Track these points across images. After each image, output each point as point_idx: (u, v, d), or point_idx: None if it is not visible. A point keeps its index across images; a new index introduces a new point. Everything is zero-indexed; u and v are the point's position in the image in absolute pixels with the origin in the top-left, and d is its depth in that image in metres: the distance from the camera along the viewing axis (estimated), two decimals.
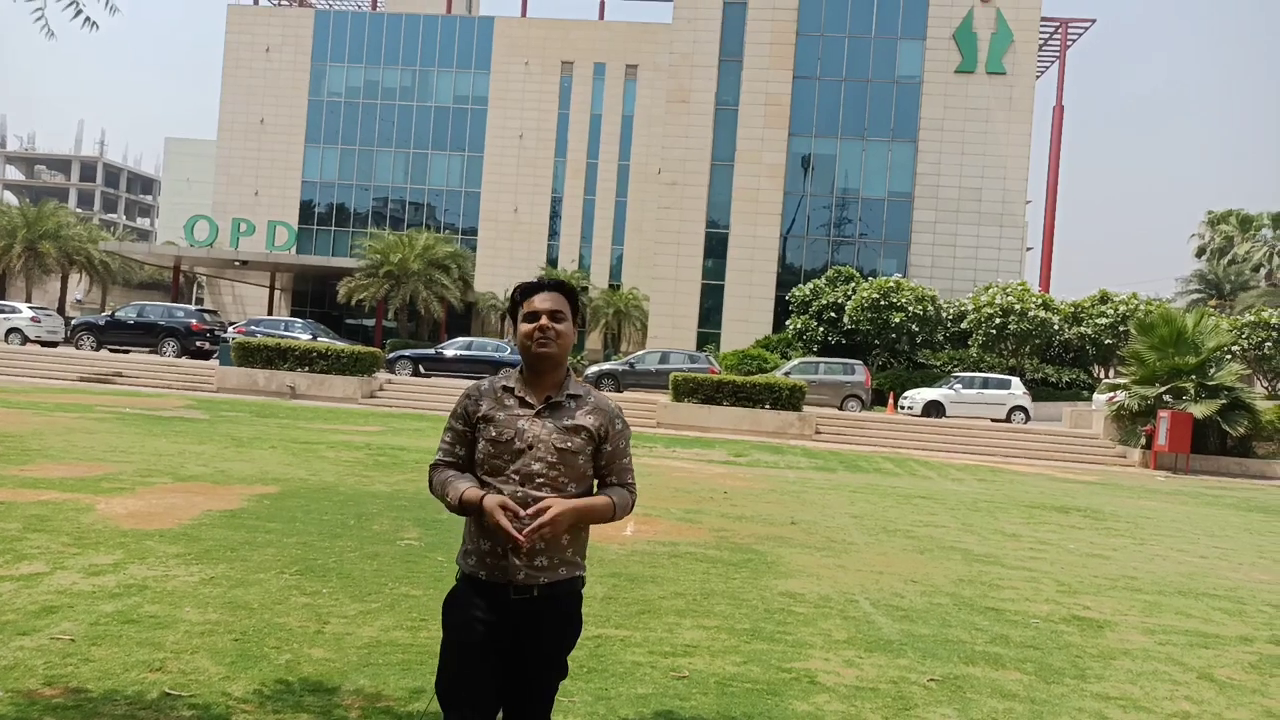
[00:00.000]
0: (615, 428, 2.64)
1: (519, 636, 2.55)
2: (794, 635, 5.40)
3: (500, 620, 2.53)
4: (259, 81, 49.33)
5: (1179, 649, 5.77)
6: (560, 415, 2.59)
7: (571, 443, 2.56)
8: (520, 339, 2.63)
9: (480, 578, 2.55)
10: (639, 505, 9.92)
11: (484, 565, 2.54)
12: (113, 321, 29.45)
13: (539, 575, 2.52)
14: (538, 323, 2.59)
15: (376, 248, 39.95)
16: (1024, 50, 38.17)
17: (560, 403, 2.60)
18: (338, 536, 7.15)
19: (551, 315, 2.60)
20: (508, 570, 2.51)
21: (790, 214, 39.15)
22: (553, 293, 2.65)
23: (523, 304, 2.65)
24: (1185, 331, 23.01)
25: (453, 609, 2.60)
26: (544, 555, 2.53)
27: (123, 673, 4.05)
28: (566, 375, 2.66)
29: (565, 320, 2.62)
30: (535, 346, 2.59)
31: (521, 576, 2.51)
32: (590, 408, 2.63)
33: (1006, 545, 9.28)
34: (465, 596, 2.58)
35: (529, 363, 2.63)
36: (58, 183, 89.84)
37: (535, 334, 2.59)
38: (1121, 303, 32.99)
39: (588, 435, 2.59)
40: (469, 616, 2.55)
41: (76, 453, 10.71)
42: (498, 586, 2.53)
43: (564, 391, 2.62)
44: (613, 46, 48.11)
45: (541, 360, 2.60)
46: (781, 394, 23.01)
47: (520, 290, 2.69)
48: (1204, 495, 16.77)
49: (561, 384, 2.63)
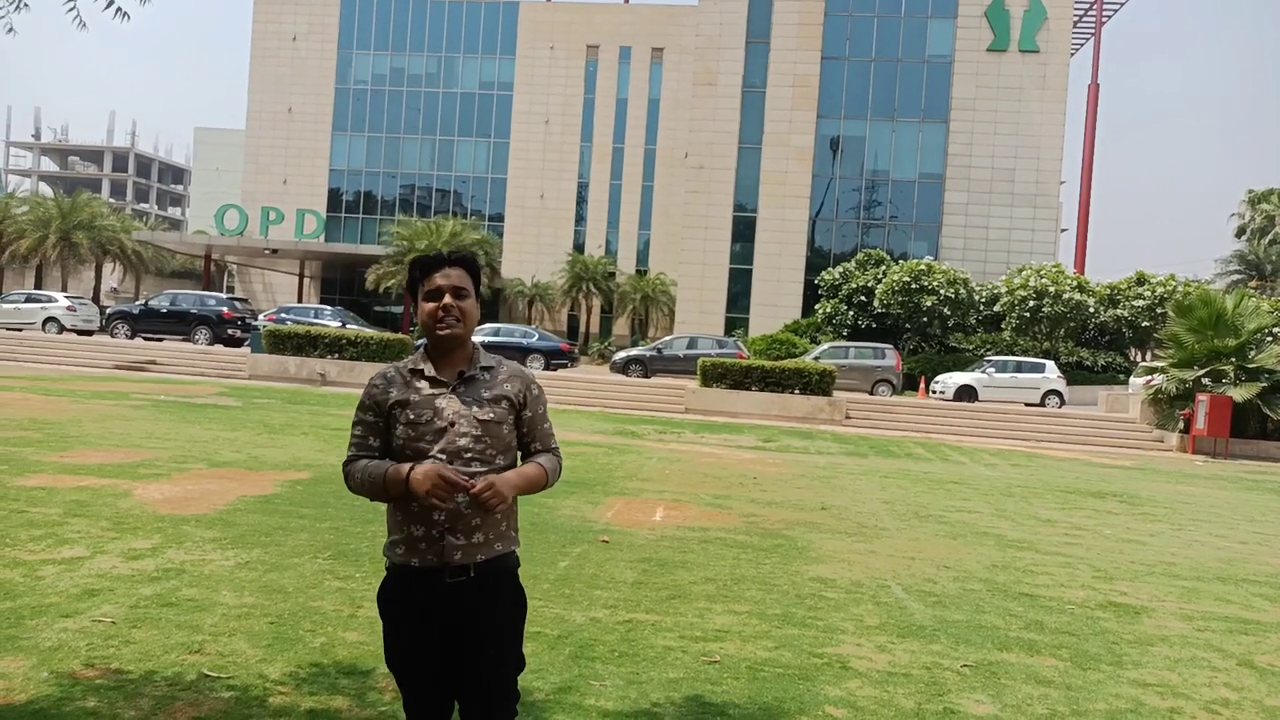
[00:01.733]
0: (532, 393, 2.57)
1: (460, 620, 2.44)
2: (825, 621, 5.37)
3: (437, 608, 2.44)
4: (286, 70, 49.67)
5: (1218, 635, 5.67)
6: (477, 388, 2.49)
7: (493, 413, 2.48)
8: (423, 319, 2.50)
9: (412, 565, 2.44)
10: (668, 490, 9.97)
11: (415, 552, 2.43)
12: (146, 310, 29.87)
13: (476, 553, 2.43)
14: (440, 301, 2.47)
15: (404, 235, 40.17)
16: (1058, 27, 37.48)
17: (474, 376, 2.51)
18: (369, 522, 7.21)
19: (454, 293, 2.49)
20: (443, 552, 2.41)
21: (819, 197, 38.83)
22: (455, 268, 2.51)
23: (423, 281, 2.51)
24: (1225, 313, 22.56)
25: (387, 605, 2.51)
26: (479, 531, 2.44)
27: (162, 654, 4.11)
28: (474, 350, 2.55)
29: (469, 297, 2.51)
30: (439, 328, 2.47)
31: (459, 557, 2.42)
32: (505, 376, 2.55)
33: (1041, 531, 9.17)
34: (397, 589, 2.48)
35: (434, 343, 2.52)
36: (91, 173, 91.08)
37: (439, 314, 2.47)
38: (1159, 284, 32.40)
39: (508, 404, 2.51)
40: (403, 610, 2.47)
41: (114, 439, 10.89)
42: (431, 572, 2.42)
43: (476, 365, 2.53)
44: (638, 29, 47.85)
45: (447, 340, 2.49)
46: (811, 379, 22.88)
47: (419, 266, 2.54)
48: (1243, 480, 16.48)
49: (471, 358, 2.53)
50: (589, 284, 44.01)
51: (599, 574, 6.08)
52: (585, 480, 10.22)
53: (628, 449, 14.02)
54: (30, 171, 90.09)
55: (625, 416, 20.39)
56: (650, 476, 11.10)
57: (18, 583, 5.01)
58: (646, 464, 12.32)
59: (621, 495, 9.49)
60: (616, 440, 15.18)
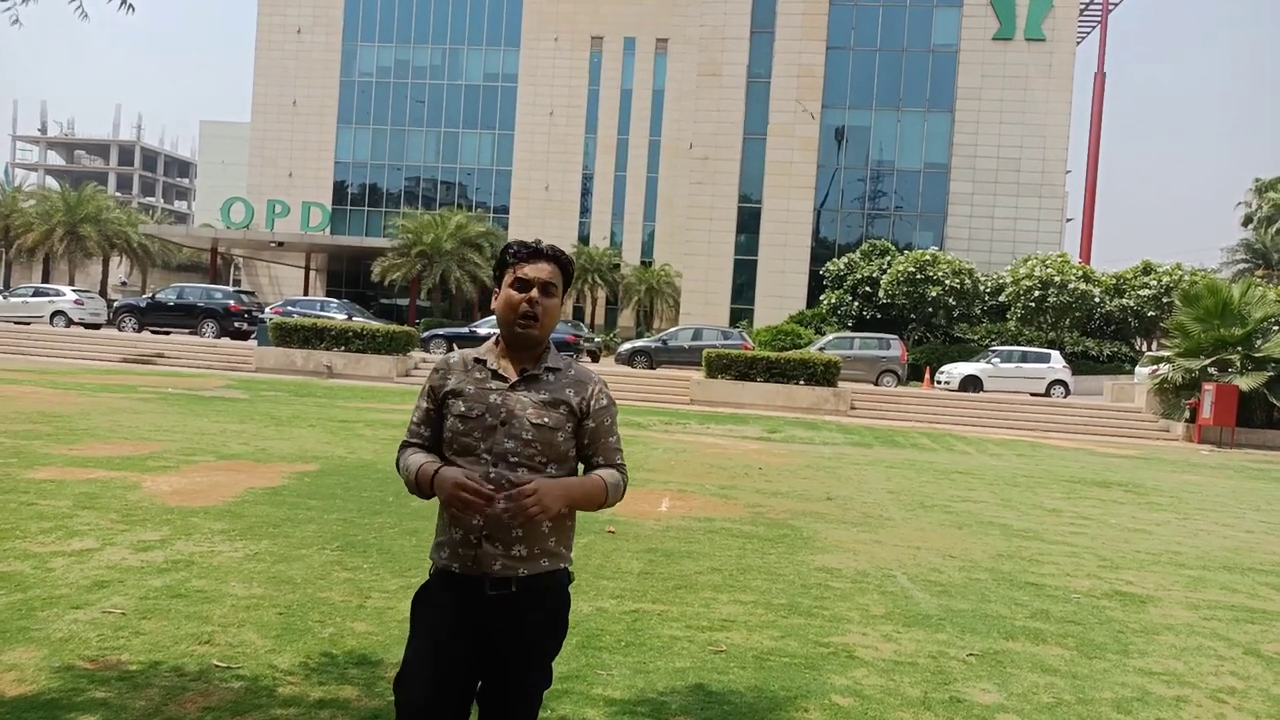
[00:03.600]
0: (600, 403, 2.39)
1: (496, 636, 2.29)
2: (831, 610, 5.39)
3: (474, 618, 2.28)
4: (291, 63, 49.63)
5: (1224, 624, 5.68)
6: (538, 388, 2.33)
7: (550, 417, 2.31)
8: (502, 308, 2.34)
9: (454, 571, 2.29)
10: (674, 481, 9.98)
11: (456, 557, 2.29)
12: (153, 303, 29.96)
13: (518, 566, 2.27)
14: (527, 294, 2.32)
15: (409, 227, 40.17)
16: (1064, 15, 37.27)
17: (538, 375, 2.34)
18: (377, 513, 7.25)
19: (544, 288, 2.33)
20: (482, 561, 2.26)
21: (824, 187, 38.74)
22: (550, 263, 2.36)
23: (513, 267, 2.34)
24: (1231, 302, 22.49)
25: (422, 606, 2.36)
26: (522, 544, 2.27)
27: (172, 645, 4.14)
28: (546, 348, 2.39)
29: (556, 296, 2.36)
30: (518, 323, 2.32)
31: (498, 567, 2.26)
32: (571, 380, 2.37)
33: (1046, 520, 9.18)
34: (436, 593, 2.34)
35: (507, 338, 2.37)
36: (97, 167, 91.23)
37: (522, 307, 2.31)
38: (1165, 274, 32.26)
39: (568, 410, 2.34)
40: (438, 615, 2.31)
41: (122, 432, 10.94)
42: (472, 580, 2.27)
43: (542, 364, 2.36)
44: (643, 20, 47.70)
45: (522, 339, 2.35)
46: (816, 369, 22.88)
47: (515, 251, 2.36)
48: (1249, 469, 16.45)
49: (540, 357, 2.37)
50: (594, 275, 43.96)
51: (605, 564, 6.11)
52: None
53: (633, 440, 14.05)
54: (37, 165, 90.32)
55: (631, 408, 20.41)
56: (656, 467, 11.12)
57: (28, 574, 5.05)
58: (652, 455, 12.34)
59: (628, 486, 9.50)
60: (622, 431, 15.11)
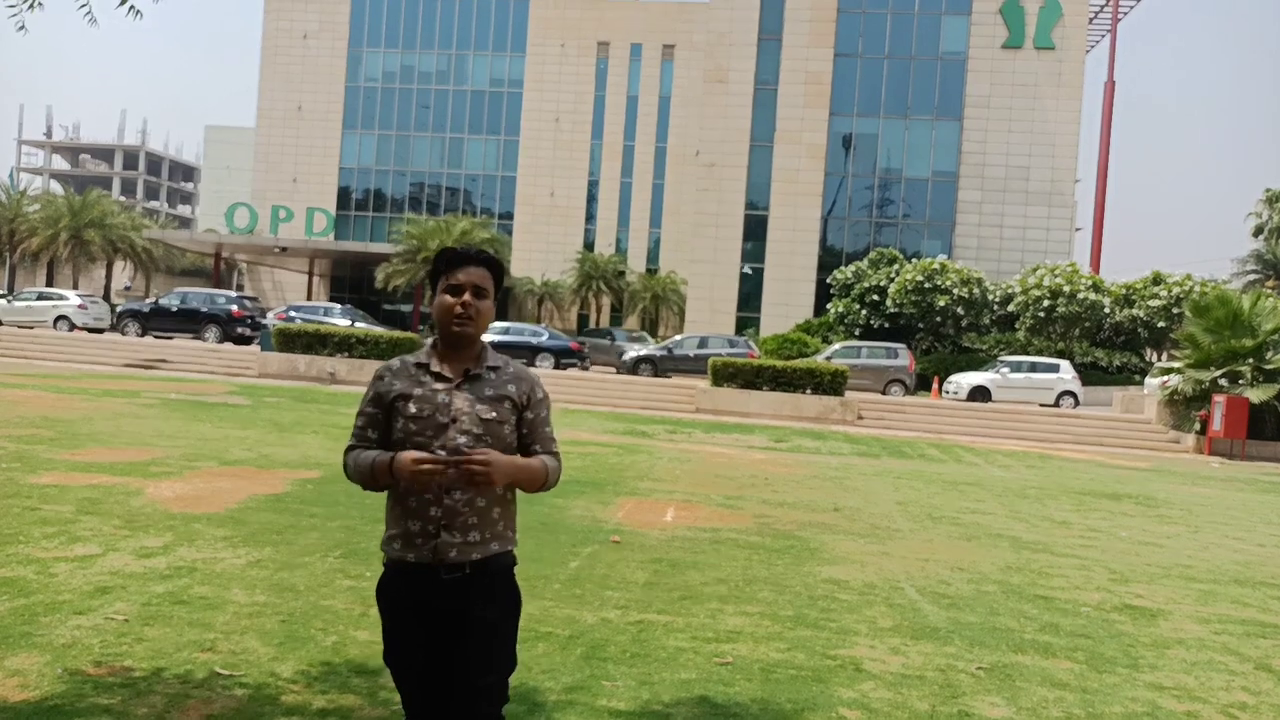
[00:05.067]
0: (536, 395, 2.59)
1: (455, 618, 2.47)
2: (838, 622, 5.33)
3: (433, 603, 2.46)
4: (297, 68, 49.81)
5: (1235, 639, 5.61)
6: (481, 386, 2.52)
7: (496, 412, 2.51)
8: (438, 312, 2.54)
9: (409, 561, 2.46)
10: (679, 491, 9.93)
11: (411, 547, 2.46)
12: (156, 308, 29.98)
13: (471, 551, 2.46)
14: (460, 298, 2.50)
15: (414, 233, 40.20)
16: (1073, 24, 37.25)
17: (480, 374, 2.54)
18: (379, 521, 7.14)
19: (475, 291, 2.52)
20: (439, 549, 2.44)
21: (831, 195, 38.71)
22: (479, 267, 2.55)
23: (445, 274, 2.54)
24: (1242, 313, 22.39)
25: (383, 599, 2.53)
26: (475, 530, 2.46)
27: (175, 652, 4.11)
28: (483, 348, 2.58)
29: (487, 297, 2.55)
30: (454, 324, 2.51)
31: (454, 554, 2.44)
32: (511, 376, 2.58)
33: (1056, 533, 9.10)
34: (394, 584, 2.51)
35: (445, 338, 2.55)
36: (101, 171, 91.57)
37: (456, 309, 2.50)
38: (1175, 284, 32.13)
39: (510, 404, 2.53)
40: (400, 605, 2.49)
41: (125, 437, 10.92)
42: (428, 568, 2.45)
43: (483, 364, 2.55)
44: (649, 26, 47.82)
45: (459, 339, 2.53)
46: (823, 379, 22.81)
47: (445, 258, 2.56)
48: (1260, 482, 16.35)
49: (479, 357, 2.57)
50: (599, 283, 44.00)
51: (610, 574, 6.06)
52: (596, 480, 10.20)
53: (638, 449, 14.00)
54: (42, 169, 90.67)
55: (636, 416, 20.37)
56: (661, 477, 11.07)
57: (31, 580, 5.02)
58: (657, 464, 12.29)
59: (632, 495, 9.46)
60: (627, 440, 15.16)
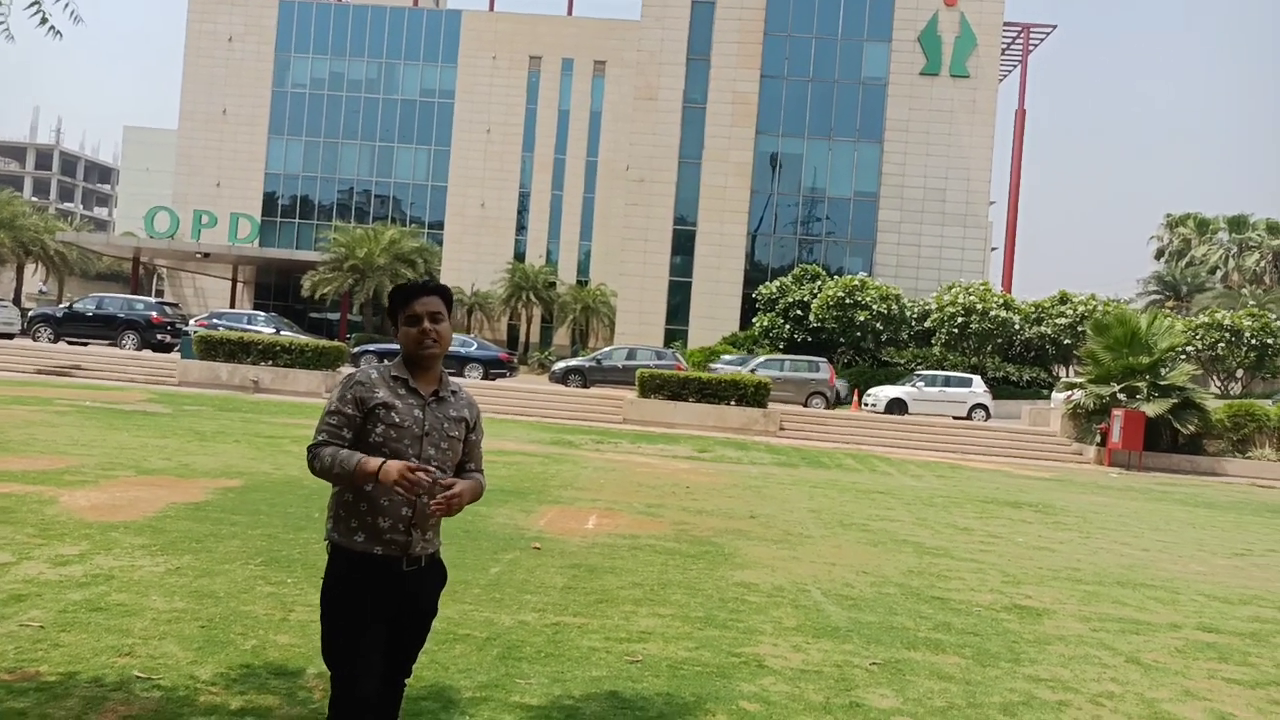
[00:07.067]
0: (479, 420, 3.00)
1: (404, 604, 2.79)
2: (746, 623, 5.61)
3: (390, 592, 2.75)
4: (221, 71, 48.70)
5: (1111, 635, 6.06)
6: (446, 407, 2.87)
7: (457, 431, 2.87)
8: (405, 341, 2.83)
9: (375, 554, 2.73)
10: (602, 499, 10.16)
11: (380, 542, 2.73)
12: (70, 313, 28.99)
13: (429, 547, 2.84)
14: (420, 326, 2.80)
15: (341, 241, 39.66)
16: (987, 54, 38.81)
17: (445, 397, 2.88)
18: (301, 529, 7.25)
19: (432, 318, 2.81)
20: (409, 545, 2.76)
21: (758, 212, 39.49)
22: (431, 296, 2.84)
23: (402, 309, 2.83)
24: (1139, 332, 23.60)
25: (340, 589, 2.75)
26: (432, 529, 2.85)
27: (92, 658, 4.16)
28: (442, 371, 2.91)
29: (444, 320, 2.85)
30: (422, 349, 2.81)
31: (417, 550, 2.78)
32: (465, 401, 2.96)
33: (958, 538, 9.58)
34: (351, 576, 2.74)
35: (414, 361, 2.85)
36: (12, 170, 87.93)
37: (420, 337, 2.80)
38: (1080, 303, 33.65)
39: (465, 425, 2.91)
40: (360, 595, 2.72)
41: (38, 446, 10.66)
42: (392, 560, 2.74)
43: (447, 388, 2.89)
44: (581, 42, 48.13)
45: (428, 360, 2.84)
46: (747, 391, 23.29)
47: (400, 296, 2.86)
48: (1153, 491, 17.28)
49: (441, 378, 2.89)
50: (529, 293, 43.97)
51: (529, 579, 6.24)
52: (520, 489, 10.35)
53: (564, 458, 14.17)
54: None
55: (563, 426, 20.51)
56: (585, 486, 11.26)
57: None
58: (582, 473, 12.48)
59: (556, 504, 9.64)
60: (553, 450, 15.31)
